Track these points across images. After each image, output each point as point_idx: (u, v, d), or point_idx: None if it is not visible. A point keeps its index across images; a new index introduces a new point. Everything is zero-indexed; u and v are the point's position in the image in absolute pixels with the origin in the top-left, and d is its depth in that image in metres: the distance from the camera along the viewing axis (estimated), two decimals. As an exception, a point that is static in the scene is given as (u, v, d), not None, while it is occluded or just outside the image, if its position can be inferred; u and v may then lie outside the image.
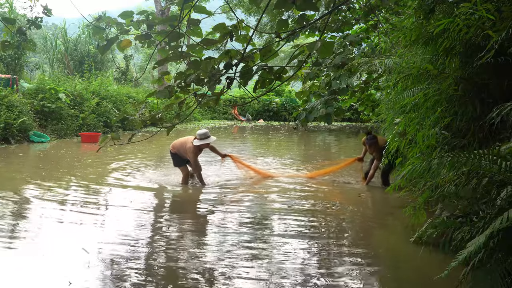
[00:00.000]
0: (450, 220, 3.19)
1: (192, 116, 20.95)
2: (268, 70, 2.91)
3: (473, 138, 3.78)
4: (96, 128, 14.24)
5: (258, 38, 22.45)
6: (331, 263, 3.51)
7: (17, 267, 3.33)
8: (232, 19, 24.46)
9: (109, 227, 4.47)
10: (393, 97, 5.30)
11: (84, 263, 3.37)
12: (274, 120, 25.18)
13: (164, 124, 3.26)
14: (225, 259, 3.53)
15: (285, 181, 6.78)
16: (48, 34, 24.83)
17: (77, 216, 4.77)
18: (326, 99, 11.77)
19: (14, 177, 6.92)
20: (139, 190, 6.10)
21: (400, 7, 8.03)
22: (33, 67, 22.12)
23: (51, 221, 4.58)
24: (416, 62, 4.49)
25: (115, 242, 3.90)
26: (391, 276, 3.41)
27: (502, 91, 3.61)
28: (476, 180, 2.83)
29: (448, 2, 4.07)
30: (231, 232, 4.28)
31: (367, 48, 10.80)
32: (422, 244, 3.56)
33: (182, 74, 2.97)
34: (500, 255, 2.37)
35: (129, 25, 3.04)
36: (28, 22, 3.71)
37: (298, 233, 4.27)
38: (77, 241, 3.91)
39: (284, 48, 15.45)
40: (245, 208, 5.26)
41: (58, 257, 3.57)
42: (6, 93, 11.65)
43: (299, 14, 2.86)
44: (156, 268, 3.37)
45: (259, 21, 3.23)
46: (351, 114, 23.55)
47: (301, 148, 13.14)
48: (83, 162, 8.60)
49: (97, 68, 21.56)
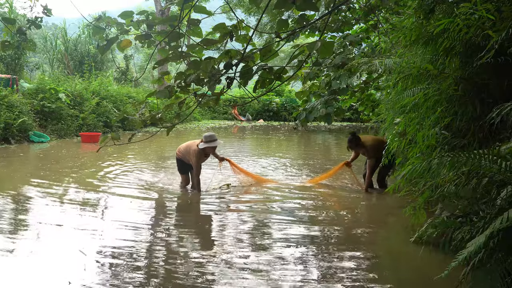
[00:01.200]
0: (450, 220, 3.19)
1: (192, 116, 20.95)
2: (268, 70, 2.91)
3: (473, 138, 3.78)
4: (96, 128, 14.24)
5: (258, 38, 22.45)
6: (331, 263, 3.50)
7: (17, 267, 3.33)
8: (232, 19, 24.46)
9: (109, 227, 4.47)
10: (393, 97, 5.30)
11: (84, 263, 3.37)
12: (274, 120, 25.18)
13: (164, 124, 3.26)
14: (224, 268, 3.42)
15: (283, 188, 6.42)
16: (48, 34, 24.84)
17: (76, 216, 4.77)
18: (326, 99, 11.79)
19: (13, 176, 6.92)
20: (139, 190, 6.09)
21: (400, 7, 8.03)
22: (33, 67, 22.13)
23: (51, 221, 4.57)
24: (416, 62, 4.49)
25: (115, 243, 3.90)
26: (391, 276, 3.41)
27: (502, 91, 3.61)
28: (476, 180, 2.83)
29: (448, 2, 4.07)
30: (230, 240, 4.15)
31: (367, 48, 10.82)
32: (422, 244, 3.56)
33: (182, 74, 2.97)
34: (500, 255, 2.37)
35: (129, 25, 3.05)
36: (28, 22, 3.71)
37: (297, 233, 4.27)
38: (77, 242, 3.91)
39: (284, 48, 15.45)
40: (245, 214, 5.05)
41: (58, 257, 3.57)
42: (6, 93, 11.65)
43: (299, 14, 2.86)
44: (155, 270, 3.37)
45: (259, 21, 3.24)
46: (351, 114, 23.56)
47: (301, 148, 13.13)
48: (83, 162, 8.60)
49: (97, 68, 21.57)
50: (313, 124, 20.49)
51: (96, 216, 4.81)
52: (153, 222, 4.68)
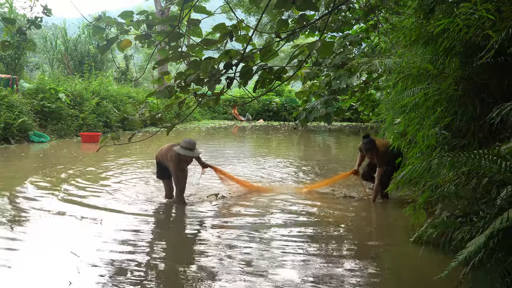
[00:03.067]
0: (450, 220, 3.18)
1: (192, 116, 20.96)
2: (268, 70, 2.91)
3: (473, 138, 3.78)
4: (96, 128, 14.24)
5: (258, 38, 22.45)
6: (331, 264, 3.50)
7: (17, 267, 3.33)
8: (232, 19, 24.44)
9: (108, 227, 4.47)
10: (393, 97, 5.30)
11: (83, 264, 3.37)
12: (274, 120, 25.18)
13: (164, 124, 3.26)
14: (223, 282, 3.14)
15: (277, 198, 5.67)
16: (48, 34, 24.82)
17: (76, 216, 4.77)
18: (326, 99, 11.79)
19: (13, 176, 6.91)
20: (138, 190, 6.09)
21: (400, 7, 8.03)
22: (33, 67, 22.13)
23: (51, 221, 4.58)
24: (416, 62, 4.49)
25: (114, 243, 3.91)
26: (391, 276, 3.41)
27: (502, 91, 3.61)
28: (476, 180, 2.83)
29: (448, 2, 4.07)
30: (226, 254, 3.69)
31: (367, 48, 10.82)
32: (422, 244, 3.56)
33: (182, 74, 2.97)
34: (500, 255, 2.37)
35: (129, 25, 3.04)
36: (28, 22, 3.70)
37: (297, 232, 4.26)
38: (77, 242, 3.91)
39: (284, 48, 15.44)
40: (235, 232, 4.28)
41: (58, 257, 3.57)
42: (6, 93, 11.66)
43: (299, 14, 2.86)
44: (153, 270, 3.38)
45: (259, 21, 3.23)
46: (351, 114, 23.57)
47: (301, 148, 13.13)
48: (83, 163, 8.60)
49: (97, 68, 21.56)
50: (313, 124, 20.49)
51: (95, 216, 4.80)
52: (151, 225, 4.68)
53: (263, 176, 7.35)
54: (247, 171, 7.91)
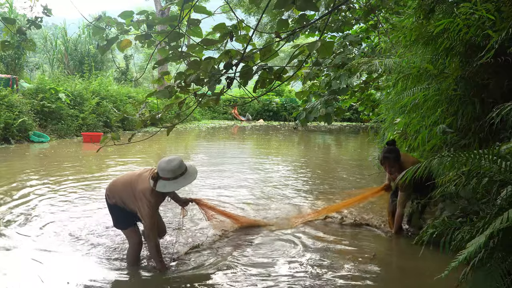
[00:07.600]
0: (450, 220, 3.19)
1: (192, 116, 20.96)
2: (268, 70, 2.91)
3: (474, 138, 3.79)
4: (96, 128, 14.24)
5: (258, 38, 22.43)
6: (331, 264, 3.50)
7: (17, 267, 3.33)
8: (232, 19, 24.45)
9: (108, 228, 4.47)
10: (393, 97, 5.31)
11: (83, 264, 3.37)
12: (274, 120, 25.19)
13: (164, 124, 3.26)
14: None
15: (282, 236, 4.23)
16: (48, 34, 24.80)
17: (76, 216, 4.77)
18: (326, 99, 11.76)
19: (13, 176, 6.91)
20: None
21: (400, 7, 8.04)
22: (33, 67, 22.13)
23: (51, 221, 4.57)
24: (416, 62, 4.49)
25: (114, 243, 3.91)
26: (391, 276, 3.41)
27: (502, 91, 3.61)
28: (476, 180, 2.82)
29: (448, 2, 4.07)
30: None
31: (367, 48, 10.81)
32: (422, 244, 3.56)
33: (182, 74, 2.97)
34: (500, 255, 2.37)
35: (129, 25, 3.04)
36: (28, 22, 3.70)
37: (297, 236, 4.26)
38: (77, 242, 3.92)
39: (284, 48, 15.44)
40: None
41: (58, 257, 3.58)
42: (6, 93, 11.66)
43: (299, 14, 2.86)
44: (152, 273, 3.37)
45: (259, 21, 3.23)
46: (351, 114, 23.58)
47: (301, 148, 13.12)
48: (83, 163, 8.60)
49: (97, 68, 21.56)
50: (313, 124, 20.50)
51: (95, 216, 4.80)
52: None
53: (264, 191, 6.15)
54: (249, 178, 7.58)
